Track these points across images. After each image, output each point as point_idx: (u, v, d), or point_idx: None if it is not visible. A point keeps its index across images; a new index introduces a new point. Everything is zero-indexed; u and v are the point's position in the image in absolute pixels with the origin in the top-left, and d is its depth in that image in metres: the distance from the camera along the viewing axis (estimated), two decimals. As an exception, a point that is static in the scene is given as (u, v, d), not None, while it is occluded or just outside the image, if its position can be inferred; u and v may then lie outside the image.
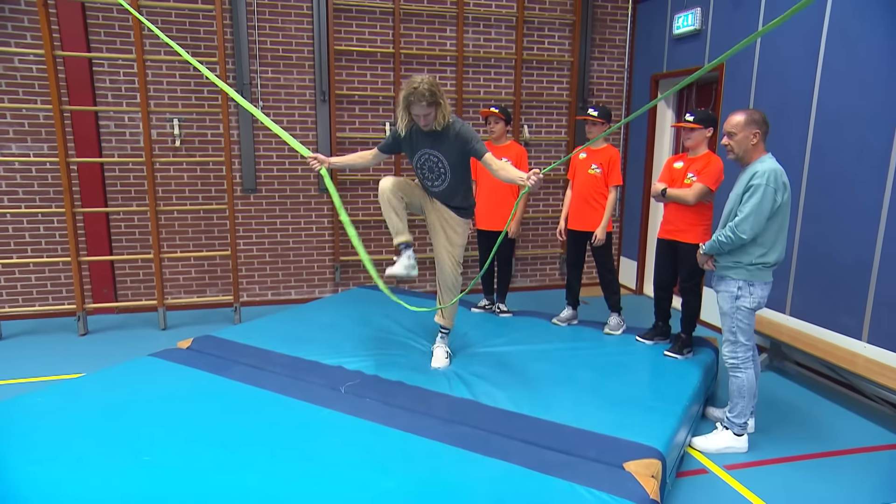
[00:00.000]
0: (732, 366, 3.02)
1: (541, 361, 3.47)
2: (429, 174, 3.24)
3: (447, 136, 3.09)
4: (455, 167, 3.18)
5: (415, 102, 2.94)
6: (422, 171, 3.27)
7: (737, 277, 2.92)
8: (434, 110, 2.98)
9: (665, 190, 3.57)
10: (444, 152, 3.14)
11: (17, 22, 4.68)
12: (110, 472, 2.24)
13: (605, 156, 4.03)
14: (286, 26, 5.24)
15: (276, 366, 3.28)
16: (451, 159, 3.15)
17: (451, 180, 3.21)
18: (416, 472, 2.31)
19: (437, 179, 3.23)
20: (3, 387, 3.67)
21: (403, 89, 2.96)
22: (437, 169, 3.20)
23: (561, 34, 5.90)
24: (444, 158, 3.15)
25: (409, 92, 2.93)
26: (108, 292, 5.21)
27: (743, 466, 2.92)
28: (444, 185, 3.23)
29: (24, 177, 4.89)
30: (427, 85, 2.91)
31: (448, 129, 3.09)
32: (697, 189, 3.45)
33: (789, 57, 4.12)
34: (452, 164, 3.17)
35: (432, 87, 2.93)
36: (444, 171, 3.18)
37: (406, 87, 2.94)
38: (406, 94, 2.95)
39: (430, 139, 3.14)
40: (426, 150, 3.17)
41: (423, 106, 2.93)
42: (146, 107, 4.59)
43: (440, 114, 3.01)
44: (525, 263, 6.27)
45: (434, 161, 3.18)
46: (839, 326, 3.78)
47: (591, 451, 2.45)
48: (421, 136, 3.15)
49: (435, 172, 3.21)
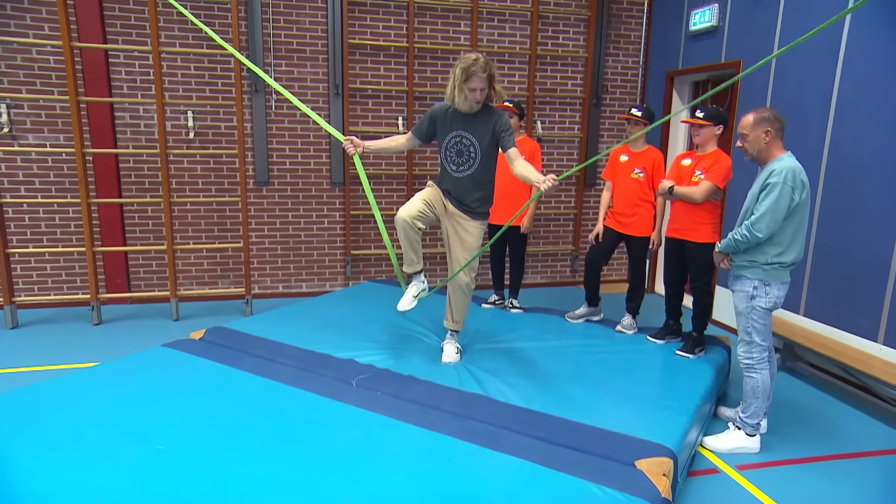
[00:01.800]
0: (747, 366, 3.00)
1: (552, 358, 3.46)
2: (456, 157, 3.21)
3: (487, 118, 3.12)
4: (485, 153, 3.17)
5: (476, 73, 2.97)
6: (449, 155, 3.23)
7: (752, 277, 2.89)
8: (489, 85, 3.04)
9: (672, 187, 3.53)
10: (479, 135, 3.14)
11: (35, 13, 4.72)
12: (124, 459, 2.26)
13: (648, 159, 3.90)
14: (300, 19, 5.24)
15: (287, 358, 3.29)
16: (483, 144, 3.15)
17: (478, 166, 3.19)
18: (426, 467, 2.32)
19: (465, 164, 3.20)
20: (20, 374, 3.72)
21: (460, 63, 2.99)
22: (466, 152, 3.18)
23: (576, 29, 5.85)
24: (476, 141, 3.15)
25: (468, 63, 2.97)
26: (122, 282, 5.26)
27: (755, 467, 2.90)
28: (471, 170, 3.20)
29: (40, 167, 4.93)
30: (489, 62, 3.02)
31: (489, 112, 3.14)
32: (705, 187, 3.41)
33: (808, 54, 4.07)
34: (484, 150, 3.16)
35: (492, 65, 3.04)
36: (475, 154, 3.17)
37: (463, 61, 2.98)
38: (466, 66, 2.97)
39: (466, 121, 3.15)
40: (460, 132, 3.17)
41: (483, 78, 2.98)
42: (161, 98, 4.61)
43: (493, 92, 3.08)
44: (536, 260, 6.25)
45: (466, 144, 3.17)
46: (854, 328, 3.74)
47: (603, 448, 2.44)
48: (458, 118, 3.16)
49: (464, 156, 3.19)
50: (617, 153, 4.07)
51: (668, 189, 3.54)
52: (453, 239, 3.31)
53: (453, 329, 3.47)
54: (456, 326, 3.46)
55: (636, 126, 3.87)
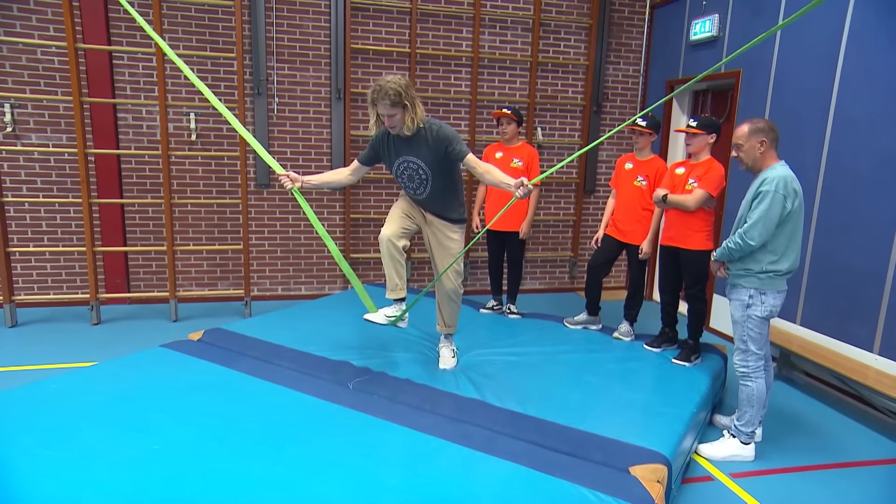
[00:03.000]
0: (743, 374, 3.01)
1: (549, 364, 3.48)
2: (409, 182, 3.10)
3: (424, 139, 2.94)
4: (437, 172, 3.02)
5: (378, 101, 2.81)
6: (402, 180, 3.13)
7: (748, 285, 2.91)
8: (400, 112, 2.83)
9: (666, 196, 3.54)
10: (423, 157, 2.98)
11: (41, 14, 4.75)
12: (120, 459, 2.27)
13: (652, 168, 3.92)
14: (303, 23, 5.28)
15: (284, 360, 3.30)
16: (431, 164, 2.99)
17: (432, 186, 3.06)
18: (421, 470, 2.33)
19: (420, 187, 3.08)
20: (19, 373, 3.73)
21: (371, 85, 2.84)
22: (417, 177, 3.05)
23: (577, 37, 5.89)
24: (423, 164, 3.00)
25: (373, 89, 2.80)
26: (122, 283, 5.28)
27: (749, 475, 2.91)
28: (427, 192, 3.09)
29: (42, 167, 4.96)
30: (394, 84, 2.76)
31: (424, 133, 2.94)
32: (698, 195, 3.44)
33: (807, 63, 4.10)
34: (433, 170, 3.01)
35: (400, 87, 2.77)
36: (426, 177, 3.03)
37: (372, 86, 2.81)
38: (371, 91, 2.82)
39: (406, 145, 2.98)
40: (404, 157, 3.02)
41: (387, 105, 2.79)
42: (164, 100, 4.64)
43: (408, 117, 2.84)
44: (535, 265, 6.27)
45: (413, 168, 3.02)
46: (850, 337, 3.75)
47: (598, 454, 2.46)
48: (398, 143, 3.01)
49: (416, 181, 3.07)
50: (623, 161, 4.09)
51: (662, 197, 3.56)
52: (435, 246, 3.25)
53: (447, 332, 3.44)
54: (449, 330, 3.43)
55: (641, 136, 3.89)
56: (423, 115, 2.91)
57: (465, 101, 5.71)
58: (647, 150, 3.96)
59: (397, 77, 2.81)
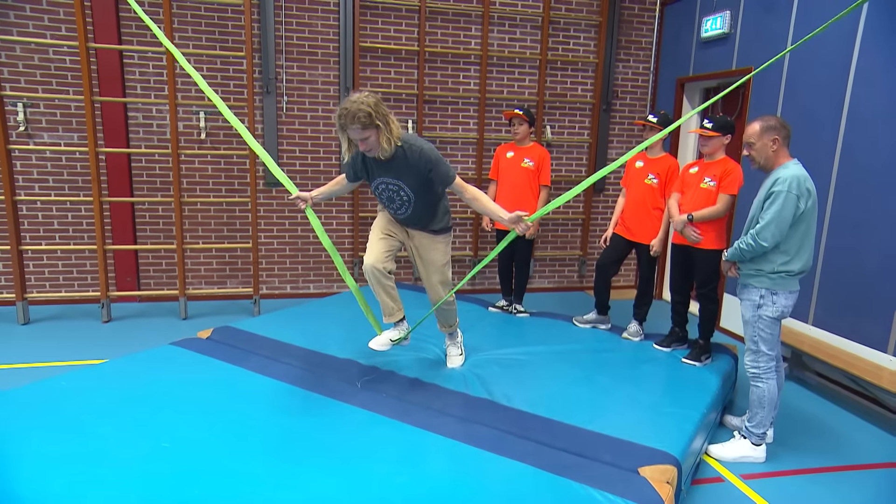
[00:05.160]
0: (754, 375, 2.98)
1: (557, 363, 3.46)
2: (389, 203, 2.91)
3: (403, 160, 2.71)
4: (420, 193, 2.82)
5: (348, 126, 2.56)
6: (382, 200, 2.95)
7: (759, 286, 2.88)
8: (373, 134, 2.58)
9: (691, 216, 3.46)
10: (404, 179, 2.77)
11: (53, 14, 4.79)
12: (130, 456, 2.28)
13: (663, 166, 3.87)
14: (313, 22, 5.28)
15: (292, 358, 3.31)
16: (413, 186, 2.78)
17: (415, 207, 2.87)
18: (429, 469, 2.32)
19: (401, 208, 2.89)
20: (30, 369, 3.76)
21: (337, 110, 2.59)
22: (398, 198, 2.85)
23: (586, 35, 5.86)
24: (404, 186, 2.79)
25: (339, 114, 2.56)
26: (132, 281, 5.31)
27: (760, 476, 2.88)
28: (409, 212, 2.90)
29: (54, 165, 5.00)
30: (362, 105, 2.52)
31: (403, 154, 2.70)
32: (724, 200, 3.42)
33: (821, 61, 4.05)
34: (416, 191, 2.81)
35: (368, 106, 2.52)
36: (408, 199, 2.83)
37: (340, 108, 2.57)
38: (337, 117, 2.58)
39: (384, 167, 2.76)
40: (384, 179, 2.80)
41: (358, 129, 2.55)
42: (174, 99, 4.67)
43: (383, 138, 2.60)
44: (543, 264, 6.24)
45: (394, 190, 2.82)
46: (864, 338, 3.70)
47: (607, 454, 2.44)
48: (375, 165, 2.79)
49: (396, 202, 2.87)
50: (633, 159, 4.04)
51: (688, 219, 3.46)
52: (419, 259, 3.10)
53: (448, 332, 3.35)
54: (449, 329, 3.33)
55: (651, 132, 3.85)
56: (398, 132, 2.66)
57: (474, 99, 5.69)
58: (657, 148, 3.92)
59: (364, 95, 2.58)
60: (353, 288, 3.19)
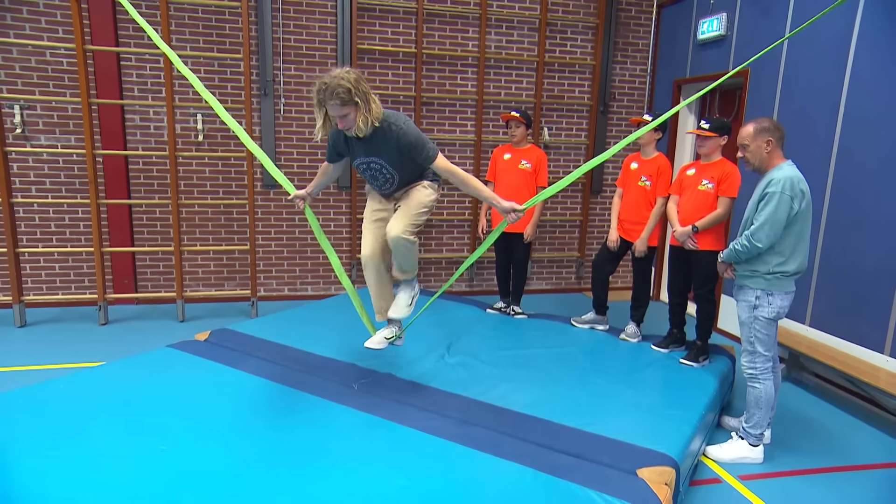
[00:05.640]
0: (750, 376, 2.98)
1: (555, 364, 3.46)
2: (372, 181, 2.84)
3: (385, 139, 2.60)
4: (403, 170, 2.74)
5: (327, 100, 2.44)
6: (365, 177, 2.86)
7: (754, 287, 2.88)
8: (352, 111, 2.46)
9: (696, 227, 3.47)
10: (385, 157, 2.67)
11: (50, 17, 4.78)
12: (127, 459, 2.27)
13: (653, 166, 3.89)
14: (310, 24, 5.28)
15: (290, 360, 3.30)
16: (395, 164, 2.69)
17: (400, 181, 2.79)
18: (426, 471, 2.32)
19: (385, 184, 2.81)
20: (27, 372, 3.75)
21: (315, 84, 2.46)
22: (381, 176, 2.77)
23: (584, 37, 5.87)
24: (386, 163, 2.69)
25: (318, 88, 2.43)
26: (129, 283, 5.30)
27: (757, 477, 2.89)
28: (395, 185, 2.81)
29: (51, 167, 4.99)
30: (343, 80, 2.39)
31: (383, 132, 2.58)
32: (725, 203, 3.45)
33: (817, 62, 4.06)
34: (399, 168, 2.72)
35: (349, 82, 2.39)
36: (391, 175, 2.75)
37: (317, 83, 2.44)
38: (316, 91, 2.45)
39: (364, 146, 2.66)
40: (364, 158, 2.71)
41: (337, 106, 2.44)
42: (171, 101, 4.66)
43: (361, 116, 2.47)
44: (541, 266, 6.24)
45: (376, 168, 2.73)
46: (861, 339, 3.71)
47: (605, 456, 2.44)
48: (355, 143, 2.69)
49: (380, 179, 2.79)
50: (629, 160, 4.07)
51: (693, 230, 3.48)
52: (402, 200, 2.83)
53: (406, 278, 2.94)
54: (407, 276, 2.93)
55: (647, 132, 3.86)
56: (379, 111, 2.53)
57: (471, 101, 5.70)
58: (650, 148, 3.94)
59: (345, 71, 2.45)
60: (349, 288, 3.15)
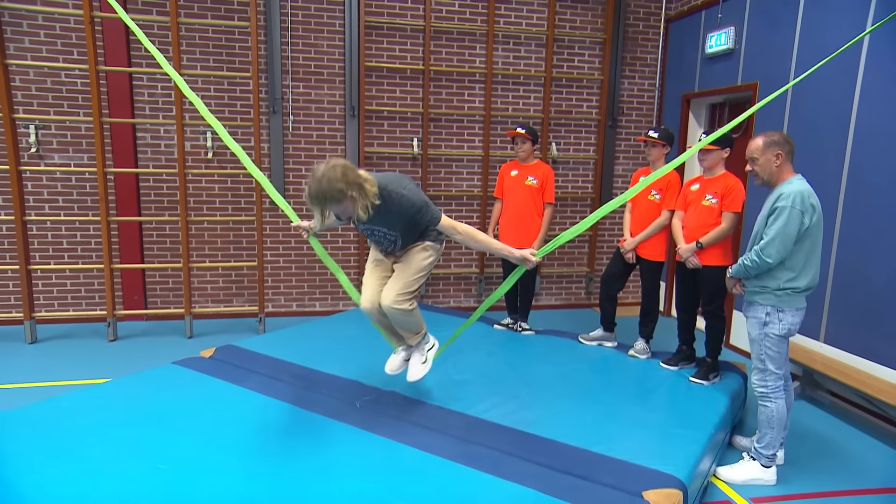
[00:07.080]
0: (762, 395, 2.91)
1: (561, 382, 3.41)
2: (377, 244, 2.89)
3: (387, 208, 2.59)
4: (406, 232, 2.76)
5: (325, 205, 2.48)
6: (370, 241, 2.91)
7: (765, 303, 2.82)
8: (349, 204, 2.46)
9: (700, 243, 3.44)
10: (389, 225, 2.70)
11: (65, 39, 4.89)
12: (125, 478, 2.26)
13: (663, 180, 3.82)
14: (318, 43, 5.35)
15: (294, 378, 3.29)
16: (399, 228, 2.72)
17: (403, 242, 2.80)
18: (427, 492, 2.28)
19: (389, 247, 2.83)
20: (37, 389, 3.78)
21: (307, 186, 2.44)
22: (385, 240, 2.80)
23: (591, 52, 5.87)
24: (389, 230, 2.73)
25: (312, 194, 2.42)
26: (139, 299, 5.34)
27: (770, 500, 2.80)
28: (399, 246, 2.82)
29: (64, 185, 5.07)
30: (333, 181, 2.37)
31: (385, 202, 2.57)
32: (729, 219, 3.40)
33: (826, 77, 4.01)
34: (402, 231, 2.74)
35: (339, 181, 2.37)
36: (394, 238, 2.78)
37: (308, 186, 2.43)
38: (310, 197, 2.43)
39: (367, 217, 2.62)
40: (367, 226, 2.74)
41: (334, 206, 2.49)
42: (181, 120, 4.73)
43: (359, 206, 2.46)
44: (550, 281, 6.20)
45: (380, 234, 2.77)
46: (877, 356, 3.62)
47: (609, 477, 2.38)
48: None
49: (384, 243, 2.83)
50: (638, 175, 4.05)
51: (697, 246, 3.45)
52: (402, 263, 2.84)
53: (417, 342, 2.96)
54: (418, 339, 2.95)
55: (653, 148, 3.84)
56: (374, 191, 2.50)
57: (479, 116, 5.71)
58: (660, 163, 3.90)
59: (330, 168, 2.40)
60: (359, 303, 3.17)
